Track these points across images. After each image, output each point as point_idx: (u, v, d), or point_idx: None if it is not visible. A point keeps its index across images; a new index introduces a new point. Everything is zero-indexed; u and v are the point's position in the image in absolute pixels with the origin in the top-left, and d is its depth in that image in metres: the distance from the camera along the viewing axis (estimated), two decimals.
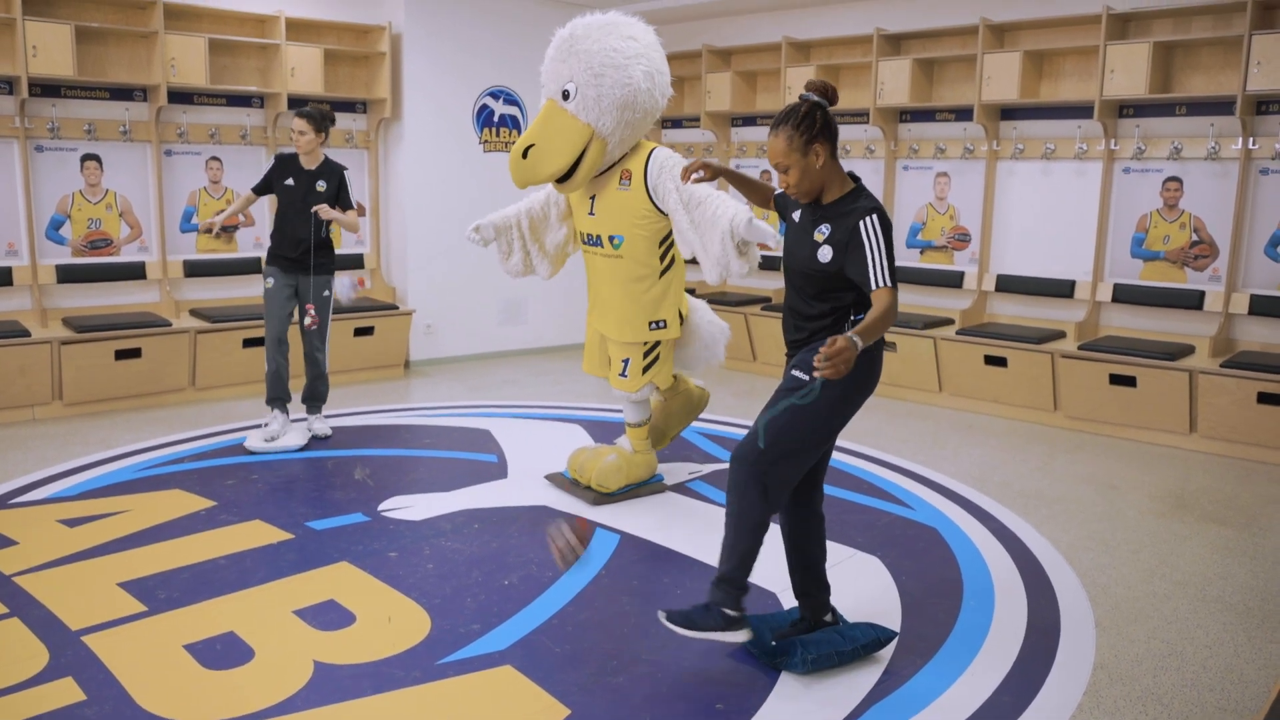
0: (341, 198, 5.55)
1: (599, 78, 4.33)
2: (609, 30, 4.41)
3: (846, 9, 7.81)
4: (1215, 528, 4.63)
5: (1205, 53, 6.12)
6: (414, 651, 3.27)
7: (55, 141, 6.46)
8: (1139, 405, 6.01)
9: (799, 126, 2.96)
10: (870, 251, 2.90)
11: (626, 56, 4.35)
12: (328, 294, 5.62)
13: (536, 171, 4.47)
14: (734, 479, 3.04)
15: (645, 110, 4.44)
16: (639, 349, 4.71)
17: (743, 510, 3.02)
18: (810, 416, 3.00)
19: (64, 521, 4.35)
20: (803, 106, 3.01)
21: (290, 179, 5.50)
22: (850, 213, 2.96)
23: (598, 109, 4.36)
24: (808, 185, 3.02)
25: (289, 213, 5.49)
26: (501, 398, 6.97)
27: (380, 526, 4.39)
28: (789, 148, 2.97)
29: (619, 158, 4.55)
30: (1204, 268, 6.25)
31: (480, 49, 8.01)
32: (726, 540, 3.07)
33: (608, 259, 4.63)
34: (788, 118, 2.98)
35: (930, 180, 7.45)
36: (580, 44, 4.39)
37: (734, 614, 3.06)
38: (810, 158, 2.98)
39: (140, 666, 3.13)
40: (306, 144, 5.42)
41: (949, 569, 4.05)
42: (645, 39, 4.51)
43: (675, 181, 4.39)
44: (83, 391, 6.17)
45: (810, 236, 3.03)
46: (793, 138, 2.96)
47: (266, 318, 5.57)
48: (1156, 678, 3.22)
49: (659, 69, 4.51)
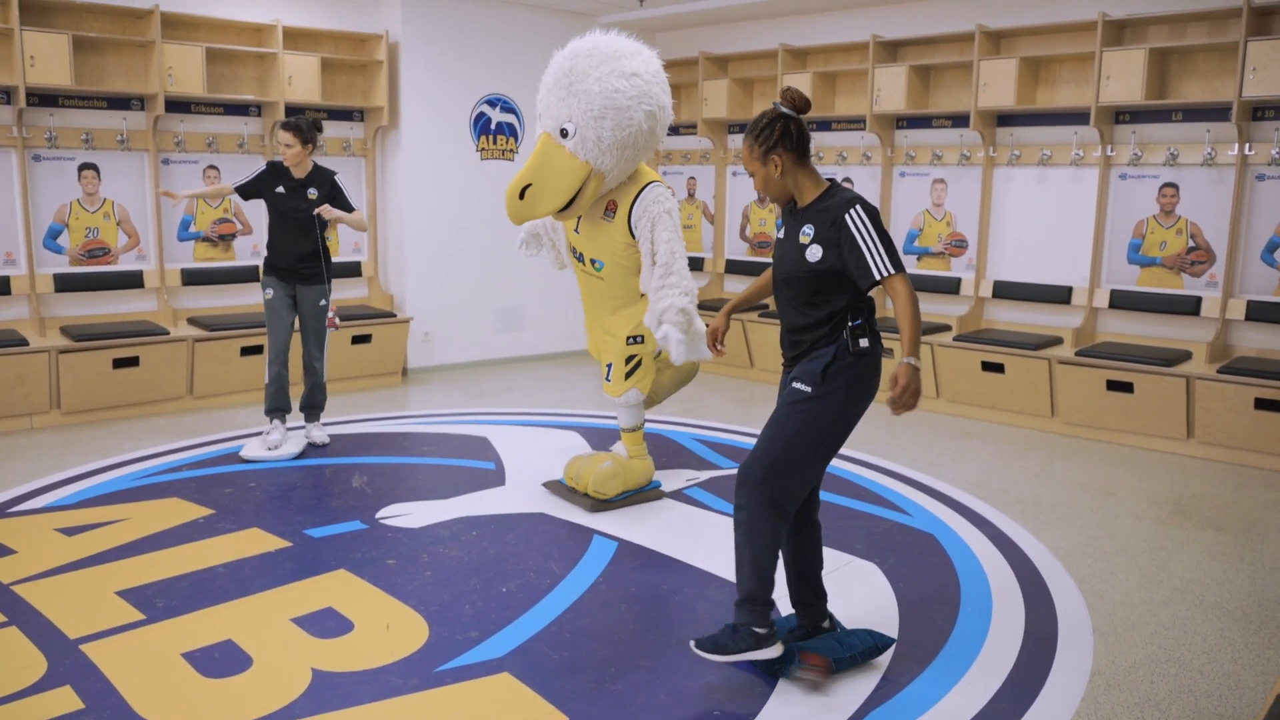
0: (339, 202, 5.54)
1: (599, 120, 4.26)
2: (611, 66, 4.28)
3: (843, 16, 7.83)
4: (1213, 534, 4.64)
5: (1201, 59, 6.14)
6: (412, 659, 3.27)
7: (53, 151, 6.47)
8: (1136, 411, 6.02)
9: (758, 137, 3.06)
10: (864, 241, 2.91)
11: (629, 98, 4.27)
12: (324, 303, 5.61)
13: (534, 210, 4.47)
14: (741, 498, 3.04)
15: (645, 146, 4.44)
16: (620, 356, 4.75)
17: (754, 527, 3.01)
18: (816, 427, 3.00)
19: (62, 530, 4.35)
20: (765, 117, 3.07)
21: (281, 187, 5.48)
22: (828, 208, 2.99)
23: (598, 150, 4.31)
24: (772, 191, 3.10)
25: (282, 222, 5.49)
26: (499, 405, 6.97)
27: (378, 534, 4.39)
28: (749, 156, 3.09)
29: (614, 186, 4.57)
30: (1201, 273, 6.26)
31: (477, 57, 8.02)
32: (741, 560, 3.05)
33: (590, 277, 4.72)
34: (751, 127, 3.09)
35: (927, 187, 7.47)
36: (581, 83, 4.28)
37: (763, 631, 3.06)
38: (769, 167, 3.05)
39: (139, 675, 3.13)
40: (294, 156, 5.39)
41: (947, 575, 4.05)
42: (649, 73, 4.39)
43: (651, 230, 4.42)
44: (80, 400, 6.17)
45: (796, 240, 3.05)
46: (752, 147, 3.08)
47: (269, 328, 5.55)
48: (1154, 684, 3.22)
49: (661, 104, 4.43)
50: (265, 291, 5.55)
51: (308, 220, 5.46)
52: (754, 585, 3.04)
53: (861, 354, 3.02)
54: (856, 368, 3.02)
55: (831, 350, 3.02)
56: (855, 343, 3.01)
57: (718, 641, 3.07)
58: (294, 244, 5.48)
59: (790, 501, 3.03)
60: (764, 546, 3.02)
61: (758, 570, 3.03)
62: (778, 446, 3.00)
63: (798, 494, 3.05)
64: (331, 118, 7.58)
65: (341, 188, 5.60)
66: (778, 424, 3.04)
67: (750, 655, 3.06)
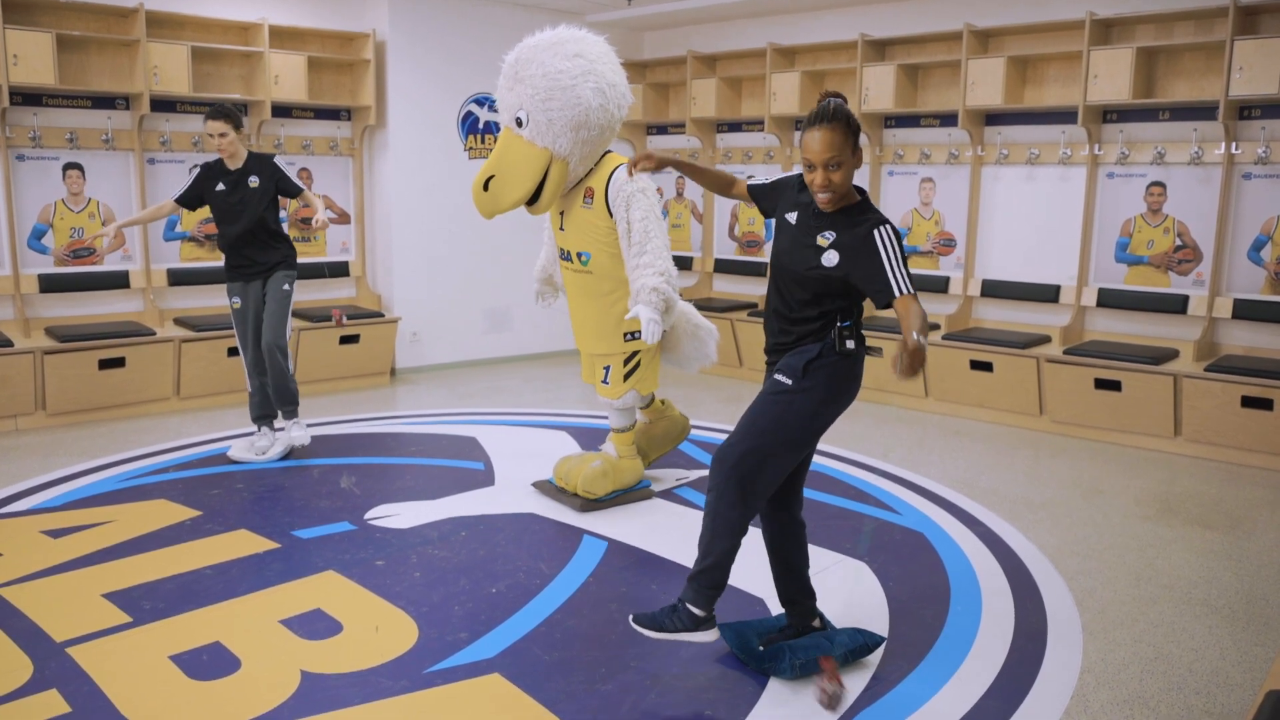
0: (285, 186, 5.33)
1: (547, 102, 4.34)
2: (553, 50, 4.38)
3: (831, 15, 7.84)
4: (1200, 531, 4.65)
5: (1188, 58, 6.16)
6: (401, 660, 3.26)
7: (37, 151, 6.43)
8: (1124, 409, 6.04)
9: (850, 123, 2.90)
10: (888, 261, 2.88)
11: (573, 77, 4.34)
12: (288, 288, 5.38)
13: (499, 201, 4.52)
14: (713, 479, 3.06)
15: (601, 126, 4.46)
16: (619, 358, 4.73)
17: (719, 510, 3.03)
18: (791, 420, 3.02)
19: (47, 532, 4.32)
20: (844, 106, 2.92)
21: (221, 184, 5.27)
22: (862, 222, 2.93)
23: (551, 133, 4.38)
24: (842, 189, 2.93)
25: (231, 221, 5.27)
26: (488, 405, 6.96)
27: (367, 535, 4.38)
28: (843, 143, 2.87)
29: (584, 174, 4.58)
30: (1188, 272, 6.28)
31: (464, 56, 8.00)
32: (703, 538, 3.08)
33: (579, 274, 4.69)
34: (837, 114, 2.88)
35: (915, 186, 7.48)
36: (525, 69, 4.39)
37: (701, 614, 3.07)
38: (857, 156, 2.93)
39: (125, 678, 3.11)
40: (229, 145, 5.18)
41: (936, 574, 4.06)
42: (593, 53, 4.46)
43: (626, 210, 4.44)
44: (66, 401, 6.13)
45: (811, 240, 3.00)
46: (847, 134, 2.88)
47: (240, 340, 5.45)
48: (1143, 681, 3.23)
49: (610, 82, 4.48)
50: (232, 301, 5.41)
51: (254, 212, 5.24)
52: (708, 565, 3.06)
53: (846, 355, 3.03)
54: (839, 367, 3.03)
55: (817, 347, 3.02)
56: (842, 343, 3.02)
57: (655, 619, 3.10)
58: (247, 241, 5.28)
59: (759, 490, 3.03)
60: (725, 531, 3.03)
61: (715, 552, 3.05)
62: (753, 434, 3.01)
63: (768, 483, 3.05)
64: (318, 117, 7.55)
65: (283, 169, 5.35)
66: (755, 412, 3.06)
67: (685, 636, 3.08)
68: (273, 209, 5.36)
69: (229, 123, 5.16)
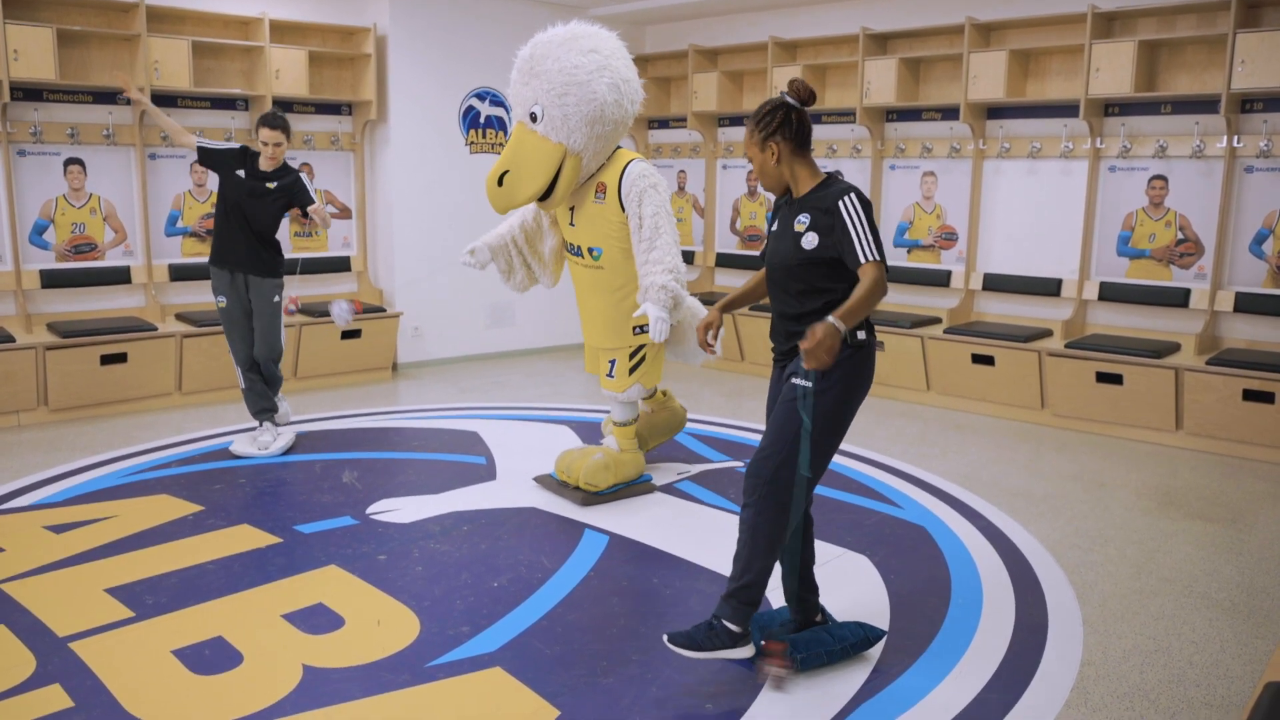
0: (299, 199, 5.32)
1: (563, 97, 4.33)
2: (569, 46, 4.38)
3: (833, 8, 7.83)
4: (1201, 524, 4.66)
5: (1190, 51, 6.15)
6: (403, 654, 3.27)
7: (38, 146, 6.43)
8: (1125, 403, 6.04)
9: (758, 123, 3.09)
10: (853, 228, 2.93)
11: (588, 72, 4.34)
12: (278, 299, 5.42)
13: (514, 197, 4.51)
14: (750, 495, 3.02)
15: (615, 121, 4.46)
16: (625, 351, 4.73)
17: (758, 527, 3.00)
18: (818, 422, 2.98)
19: (50, 528, 4.33)
20: (768, 104, 3.09)
21: (243, 171, 5.28)
22: (825, 196, 3.01)
23: (566, 128, 4.37)
24: (767, 181, 3.14)
25: (234, 208, 5.26)
26: (489, 400, 6.96)
27: (369, 529, 4.38)
28: (749, 141, 3.12)
29: (596, 169, 4.57)
30: (1189, 265, 6.28)
31: (466, 50, 7.99)
32: (740, 555, 3.05)
33: (589, 269, 4.68)
34: (753, 114, 3.12)
35: (917, 179, 7.47)
36: (540, 64, 4.38)
37: (738, 630, 3.05)
38: (766, 153, 3.08)
39: (128, 672, 3.12)
40: (280, 154, 5.26)
41: (937, 568, 4.06)
42: (607, 48, 4.47)
43: (639, 205, 4.44)
44: (68, 397, 6.14)
45: (790, 229, 3.06)
46: (752, 133, 3.10)
47: (229, 339, 5.45)
48: (1143, 674, 3.23)
49: (624, 78, 4.49)
50: (218, 300, 5.40)
51: (255, 210, 5.25)
52: (745, 581, 3.04)
53: (859, 346, 3.02)
54: (855, 360, 3.02)
55: None
56: (853, 335, 3.01)
57: (692, 637, 3.07)
58: (242, 233, 5.27)
59: (799, 500, 3.01)
60: (765, 547, 3.01)
61: (755, 568, 3.03)
62: (783, 443, 2.98)
63: (806, 492, 3.04)
64: (319, 112, 7.55)
65: (304, 183, 5.37)
66: (781, 421, 3.02)
67: (723, 654, 3.06)
68: (276, 216, 5.37)
69: (285, 134, 5.25)
